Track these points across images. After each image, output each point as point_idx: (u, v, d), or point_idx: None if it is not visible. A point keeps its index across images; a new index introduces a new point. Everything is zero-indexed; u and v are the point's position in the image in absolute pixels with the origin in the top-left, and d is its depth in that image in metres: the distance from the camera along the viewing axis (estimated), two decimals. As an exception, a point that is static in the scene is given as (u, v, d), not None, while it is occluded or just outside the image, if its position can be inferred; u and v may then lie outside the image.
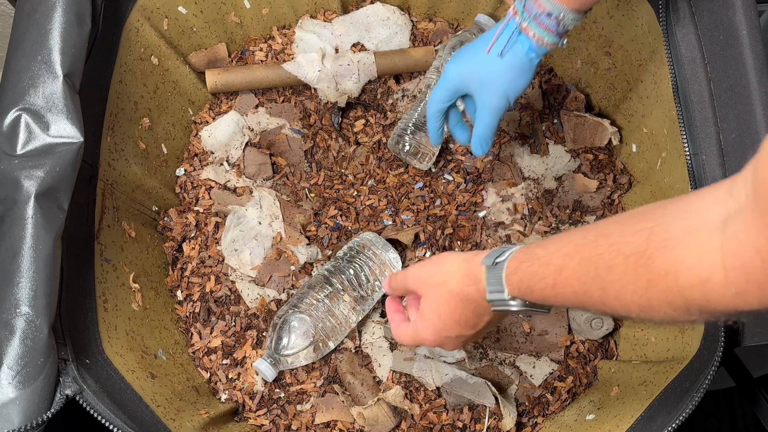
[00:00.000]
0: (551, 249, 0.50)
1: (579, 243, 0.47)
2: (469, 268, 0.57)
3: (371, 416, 0.78)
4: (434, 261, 0.60)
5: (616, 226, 0.45)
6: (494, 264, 0.54)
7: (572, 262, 0.47)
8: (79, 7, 0.66)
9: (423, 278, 0.61)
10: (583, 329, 0.81)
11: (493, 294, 0.54)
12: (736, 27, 0.67)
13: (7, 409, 0.55)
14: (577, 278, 0.46)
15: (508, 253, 0.54)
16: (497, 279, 0.54)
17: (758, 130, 0.65)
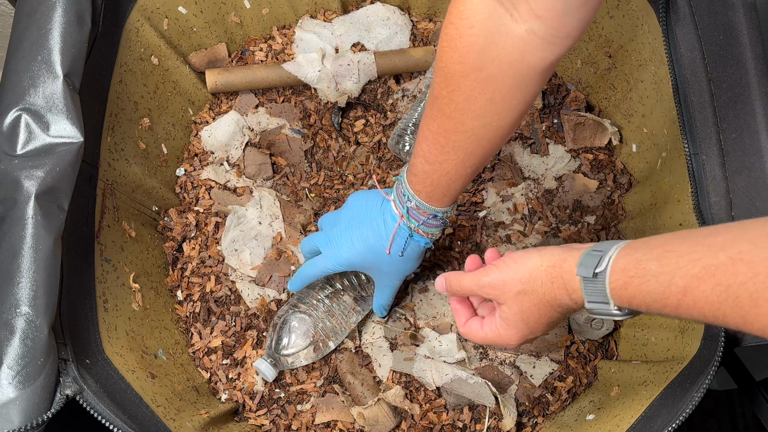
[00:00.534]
0: (670, 265, 0.45)
1: (709, 264, 0.42)
2: (559, 275, 0.53)
3: (371, 416, 0.78)
4: (513, 267, 0.56)
5: (756, 250, 0.41)
6: (594, 275, 0.50)
7: (703, 286, 0.42)
8: (79, 7, 0.66)
9: (502, 287, 0.57)
10: (583, 329, 0.81)
11: (595, 305, 0.51)
12: (736, 27, 0.67)
13: (7, 409, 0.55)
14: (710, 304, 0.42)
15: (606, 260, 0.50)
16: (600, 293, 0.50)
17: (758, 130, 0.65)
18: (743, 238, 0.42)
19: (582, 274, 0.51)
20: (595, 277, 0.50)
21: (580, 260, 0.52)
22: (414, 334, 0.83)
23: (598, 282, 0.50)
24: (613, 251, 0.50)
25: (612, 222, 0.88)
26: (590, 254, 0.51)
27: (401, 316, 0.84)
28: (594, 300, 0.51)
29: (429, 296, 0.84)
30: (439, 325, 0.83)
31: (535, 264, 0.55)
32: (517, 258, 0.57)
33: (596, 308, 0.51)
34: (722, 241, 0.43)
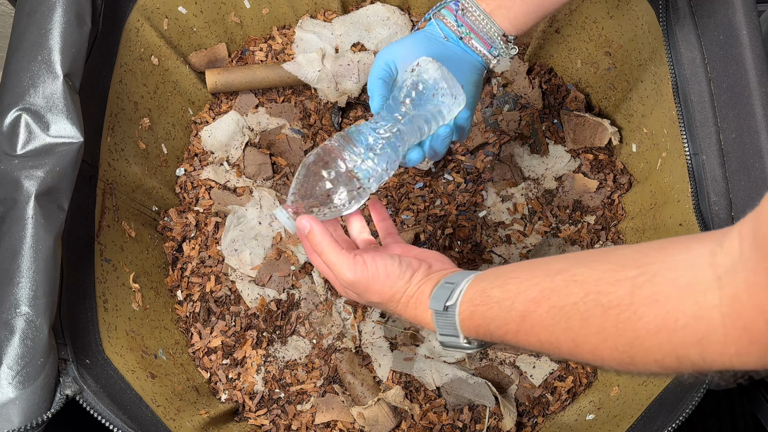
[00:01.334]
0: (511, 291, 0.46)
1: (546, 287, 0.43)
2: (414, 306, 0.54)
3: (371, 416, 0.78)
4: (379, 280, 0.55)
5: (588, 271, 0.41)
6: (444, 308, 0.51)
7: (539, 309, 0.43)
8: (79, 7, 0.66)
9: (361, 291, 0.57)
10: (583, 329, 0.81)
11: (447, 338, 0.52)
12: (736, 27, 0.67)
13: (7, 409, 0.55)
14: (545, 327, 0.43)
15: (457, 293, 0.50)
16: (450, 324, 0.51)
17: (758, 130, 0.65)
18: (580, 264, 0.42)
19: (434, 307, 0.52)
20: (446, 311, 0.51)
21: (434, 293, 0.52)
22: (414, 334, 0.83)
23: (449, 315, 0.50)
24: (465, 284, 0.50)
25: (612, 222, 0.88)
26: (443, 287, 0.52)
27: (401, 316, 0.84)
28: (445, 333, 0.51)
29: (429, 296, 0.84)
30: (439, 325, 0.83)
31: (400, 288, 0.55)
32: (389, 272, 0.55)
33: (448, 341, 0.52)
34: (560, 266, 0.44)
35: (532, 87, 0.94)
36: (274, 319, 0.84)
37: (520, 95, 0.94)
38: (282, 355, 0.83)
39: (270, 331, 0.84)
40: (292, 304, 0.85)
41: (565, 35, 0.90)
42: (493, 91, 0.94)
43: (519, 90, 0.94)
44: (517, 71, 0.94)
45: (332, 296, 0.85)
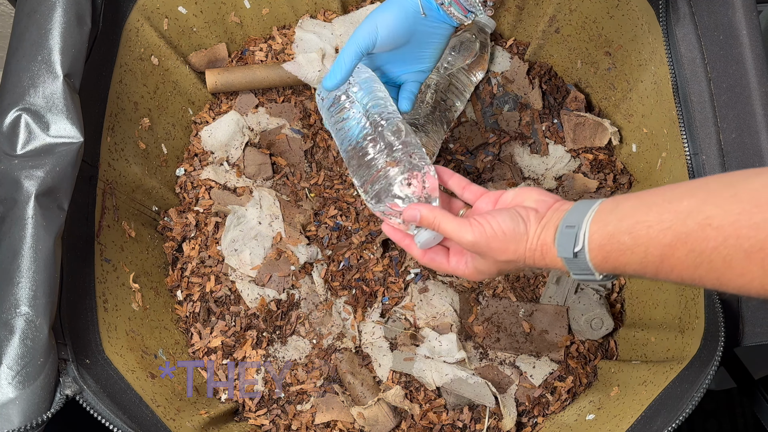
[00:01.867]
0: (642, 238, 0.46)
1: (679, 232, 0.44)
2: (541, 257, 0.55)
3: (371, 416, 0.78)
4: (500, 239, 0.56)
5: (721, 213, 0.42)
6: (574, 255, 0.52)
7: (677, 253, 0.44)
8: (79, 7, 0.66)
9: (484, 251, 0.58)
10: (583, 329, 0.81)
11: (581, 276, 0.54)
12: (736, 27, 0.67)
13: (7, 409, 0.55)
14: (686, 268, 0.44)
15: (582, 238, 0.51)
16: (584, 268, 0.52)
17: (758, 130, 0.65)
18: (708, 202, 0.43)
19: (563, 255, 0.53)
20: (575, 257, 0.52)
21: (557, 241, 0.53)
22: (414, 334, 0.83)
23: (579, 260, 0.52)
24: (586, 226, 0.51)
25: (612, 222, 0.88)
26: (564, 233, 0.53)
27: (401, 316, 0.84)
28: (579, 273, 0.53)
29: (429, 296, 0.84)
30: (439, 325, 0.83)
31: (521, 242, 0.56)
32: (504, 228, 0.56)
33: (583, 278, 0.54)
34: (688, 206, 0.44)
35: (532, 87, 0.94)
36: (274, 319, 0.84)
37: (520, 95, 0.94)
38: (282, 355, 0.83)
39: (270, 331, 0.84)
40: (292, 304, 0.85)
41: (565, 35, 0.90)
42: (493, 91, 0.94)
43: (519, 90, 0.94)
44: (517, 71, 0.94)
45: (332, 296, 0.86)
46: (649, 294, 0.80)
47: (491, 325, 0.83)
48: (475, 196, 0.65)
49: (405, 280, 0.86)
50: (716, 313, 0.62)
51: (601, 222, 0.51)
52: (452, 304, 0.83)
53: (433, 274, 0.86)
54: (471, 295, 0.85)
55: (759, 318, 0.63)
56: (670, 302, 0.74)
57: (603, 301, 0.81)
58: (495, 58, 0.95)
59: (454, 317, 0.83)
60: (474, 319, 0.83)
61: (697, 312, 0.67)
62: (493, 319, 0.83)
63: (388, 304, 0.85)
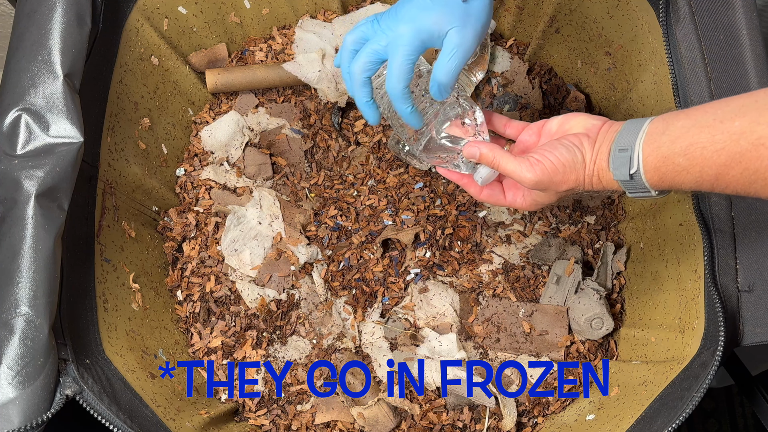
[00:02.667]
0: (697, 158, 0.48)
1: (733, 152, 0.46)
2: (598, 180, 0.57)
3: (371, 416, 0.78)
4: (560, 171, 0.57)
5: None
6: (630, 177, 0.54)
7: (731, 171, 0.47)
8: (79, 7, 0.66)
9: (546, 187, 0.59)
10: (583, 329, 0.81)
11: (637, 193, 0.55)
12: (736, 27, 0.67)
13: (7, 409, 0.55)
14: (742, 185, 0.47)
15: (636, 161, 0.53)
16: (640, 187, 0.54)
17: (758, 130, 0.65)
18: (759, 122, 0.45)
19: (619, 178, 0.55)
20: (632, 179, 0.54)
21: (612, 164, 0.55)
22: (414, 334, 0.83)
23: (636, 181, 0.54)
24: (638, 148, 0.53)
25: (612, 222, 0.88)
26: (618, 157, 0.54)
27: (401, 316, 0.84)
28: (636, 192, 0.55)
29: (429, 296, 0.84)
30: (439, 325, 0.83)
31: (580, 170, 0.57)
32: (563, 160, 0.57)
33: (639, 196, 0.56)
34: (740, 126, 0.46)
35: (532, 87, 0.94)
36: (274, 319, 0.84)
37: (520, 95, 0.94)
38: (282, 355, 0.83)
39: (270, 331, 0.84)
40: (292, 304, 0.85)
41: (565, 35, 0.90)
42: (493, 91, 0.94)
43: (519, 90, 0.94)
44: (517, 71, 0.94)
45: (332, 296, 0.86)
46: (649, 294, 0.80)
47: (491, 325, 0.83)
48: (516, 131, 0.67)
49: (405, 280, 0.86)
50: (716, 313, 0.62)
51: (653, 144, 0.52)
52: (452, 304, 0.83)
53: (433, 274, 0.86)
54: (471, 295, 0.85)
55: (759, 318, 0.63)
56: (670, 302, 0.74)
57: (603, 301, 0.81)
58: (495, 58, 0.95)
59: (454, 317, 0.83)
60: (474, 319, 0.83)
61: (697, 312, 0.67)
62: (493, 319, 0.83)
63: (388, 304, 0.85)
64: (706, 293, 0.65)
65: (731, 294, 0.64)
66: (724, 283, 0.64)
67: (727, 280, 0.64)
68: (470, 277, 0.85)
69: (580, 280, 0.84)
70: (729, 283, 0.64)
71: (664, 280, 0.76)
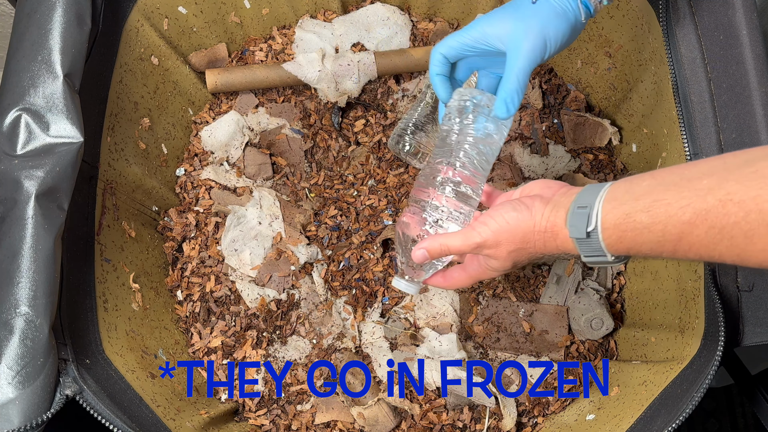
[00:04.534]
0: (661, 215, 0.46)
1: (699, 209, 0.43)
2: (552, 238, 0.55)
3: (371, 416, 0.78)
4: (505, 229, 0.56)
5: (742, 188, 0.41)
6: (587, 236, 0.51)
7: (696, 230, 0.44)
8: (79, 7, 0.66)
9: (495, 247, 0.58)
10: (583, 329, 0.81)
11: (592, 258, 0.53)
12: (736, 27, 0.67)
13: (6, 409, 0.55)
14: (705, 246, 0.44)
15: (594, 218, 0.50)
16: (596, 249, 0.51)
17: (758, 130, 0.65)
18: (728, 179, 0.43)
19: (575, 236, 0.52)
20: (588, 237, 0.51)
21: (569, 221, 0.53)
22: (414, 334, 0.83)
23: (592, 241, 0.51)
24: (598, 206, 0.50)
25: (612, 222, 0.88)
26: (576, 213, 0.52)
27: (401, 316, 0.84)
28: (591, 255, 0.52)
29: (429, 296, 0.84)
30: (439, 325, 0.83)
31: (528, 227, 0.56)
32: (508, 218, 0.57)
33: (594, 260, 0.53)
34: (709, 184, 0.44)
35: (532, 87, 0.94)
36: (274, 319, 0.84)
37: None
38: (282, 355, 0.83)
39: (270, 331, 0.84)
40: (292, 304, 0.85)
41: (565, 35, 0.90)
42: (493, 91, 0.94)
43: (519, 90, 0.94)
44: (517, 71, 0.94)
45: (332, 296, 0.86)
46: (649, 294, 0.80)
47: (491, 325, 0.83)
48: (491, 199, 0.66)
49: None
50: (716, 313, 0.62)
51: (615, 201, 0.50)
52: (452, 304, 0.83)
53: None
54: (471, 295, 0.85)
55: (759, 318, 0.63)
56: (670, 302, 0.74)
57: (603, 301, 0.81)
58: (495, 58, 0.95)
59: (454, 317, 0.83)
60: (474, 319, 0.83)
61: (697, 312, 0.67)
62: (493, 319, 0.83)
63: (388, 304, 0.85)
64: (706, 293, 0.65)
65: (731, 294, 0.64)
66: (724, 283, 0.64)
67: (727, 280, 0.64)
68: (470, 277, 0.85)
69: (580, 280, 0.84)
70: (729, 283, 0.64)
71: (664, 280, 0.76)
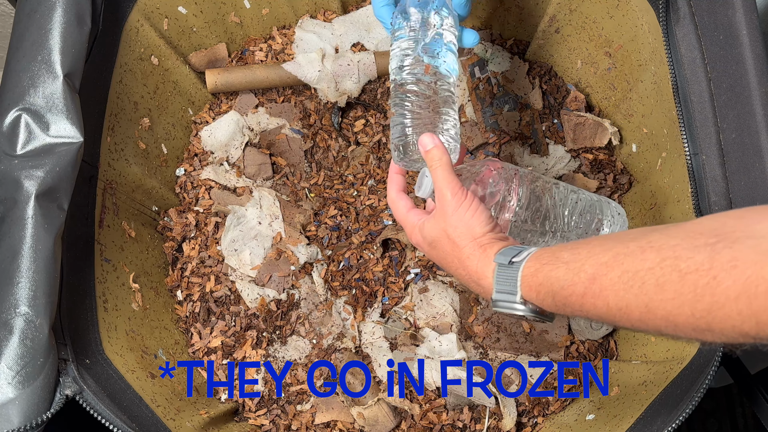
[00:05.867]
0: (582, 254, 0.46)
1: (619, 252, 0.43)
2: (479, 258, 0.55)
3: (371, 416, 0.78)
4: (462, 214, 0.57)
5: (664, 238, 0.41)
6: (510, 263, 0.51)
7: (611, 273, 0.43)
8: (79, 7, 0.66)
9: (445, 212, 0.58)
10: (583, 329, 0.81)
11: (501, 294, 0.52)
12: (736, 27, 0.67)
13: (6, 409, 0.55)
14: (615, 292, 0.43)
15: (525, 253, 0.51)
16: (510, 280, 0.51)
17: (758, 130, 0.65)
18: (655, 231, 0.43)
19: (499, 261, 0.53)
20: (510, 265, 0.52)
21: (503, 250, 0.54)
22: (414, 334, 0.83)
23: (511, 270, 0.51)
24: (534, 249, 0.52)
25: (612, 222, 0.88)
26: (513, 248, 0.53)
27: (401, 316, 0.84)
28: (501, 290, 0.52)
29: (429, 296, 0.84)
30: (439, 325, 0.83)
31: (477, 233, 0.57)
32: (477, 214, 0.57)
33: (501, 299, 0.52)
34: (634, 235, 0.44)
35: (532, 87, 0.94)
36: (274, 319, 0.84)
37: (520, 95, 0.94)
38: (282, 355, 0.83)
39: (270, 331, 0.84)
40: (292, 304, 0.85)
41: (565, 35, 0.90)
42: (493, 91, 0.94)
43: (519, 90, 0.94)
44: (517, 71, 0.94)
45: (332, 296, 0.86)
46: (649, 294, 0.80)
47: (491, 325, 0.83)
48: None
49: (405, 280, 0.86)
50: (716, 313, 0.62)
51: (548, 248, 0.51)
52: (452, 304, 0.83)
53: (433, 274, 0.86)
54: (471, 295, 0.85)
55: None
56: (670, 302, 0.74)
57: (603, 301, 0.81)
58: (495, 58, 0.95)
59: (454, 317, 0.83)
60: (474, 319, 0.83)
61: (697, 312, 0.67)
62: (493, 319, 0.83)
63: (388, 304, 0.85)
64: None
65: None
66: (724, 283, 0.64)
67: (727, 280, 0.64)
68: (470, 277, 0.85)
69: (580, 280, 0.83)
70: (729, 283, 0.64)
71: (664, 280, 0.76)
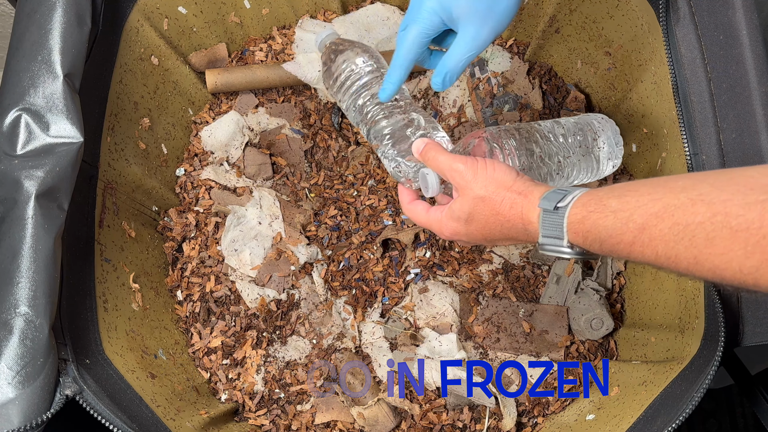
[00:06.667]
0: (630, 203, 0.46)
1: (669, 203, 0.43)
2: (520, 203, 0.54)
3: (371, 416, 0.78)
4: (488, 171, 0.57)
5: (715, 191, 0.41)
6: (555, 209, 0.51)
7: (661, 224, 0.43)
8: (79, 7, 0.66)
9: (469, 180, 0.57)
10: (583, 329, 0.81)
11: (548, 239, 0.52)
12: (736, 27, 0.67)
13: (6, 409, 0.55)
14: (665, 242, 0.43)
15: (570, 197, 0.51)
16: (556, 226, 0.51)
17: (758, 130, 0.65)
18: (705, 182, 0.43)
19: (544, 206, 0.52)
20: (555, 210, 0.51)
21: (545, 195, 0.53)
22: (414, 334, 0.83)
23: (557, 215, 0.51)
24: (578, 192, 0.51)
25: (612, 222, 0.88)
26: (556, 192, 0.53)
27: (401, 316, 0.84)
28: (548, 234, 0.52)
29: (429, 296, 0.84)
30: (439, 325, 0.83)
31: (508, 182, 0.56)
32: (497, 167, 0.57)
33: (548, 243, 0.52)
34: (683, 184, 0.44)
35: (532, 87, 0.94)
36: (274, 319, 0.84)
37: (520, 95, 0.93)
38: (282, 355, 0.83)
39: (270, 331, 0.84)
40: (292, 304, 0.85)
41: (565, 35, 0.90)
42: (493, 91, 0.94)
43: (519, 90, 0.94)
44: (517, 71, 0.94)
45: (332, 296, 0.86)
46: (649, 294, 0.80)
47: (491, 325, 0.83)
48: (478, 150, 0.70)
49: (405, 280, 0.86)
50: (716, 313, 0.62)
51: (592, 191, 0.50)
52: (452, 304, 0.83)
53: (433, 274, 0.86)
54: (471, 295, 0.85)
55: (759, 318, 0.63)
56: (670, 302, 0.74)
57: (603, 301, 0.81)
58: (495, 58, 0.95)
59: (454, 317, 0.83)
60: (474, 319, 0.83)
61: (697, 312, 0.67)
62: (493, 319, 0.83)
63: (388, 304, 0.85)
64: (706, 293, 0.65)
65: (731, 294, 0.64)
66: (724, 283, 0.64)
67: (727, 280, 0.64)
68: (470, 277, 0.85)
69: (580, 280, 0.84)
70: (729, 283, 0.64)
71: (664, 280, 0.76)
